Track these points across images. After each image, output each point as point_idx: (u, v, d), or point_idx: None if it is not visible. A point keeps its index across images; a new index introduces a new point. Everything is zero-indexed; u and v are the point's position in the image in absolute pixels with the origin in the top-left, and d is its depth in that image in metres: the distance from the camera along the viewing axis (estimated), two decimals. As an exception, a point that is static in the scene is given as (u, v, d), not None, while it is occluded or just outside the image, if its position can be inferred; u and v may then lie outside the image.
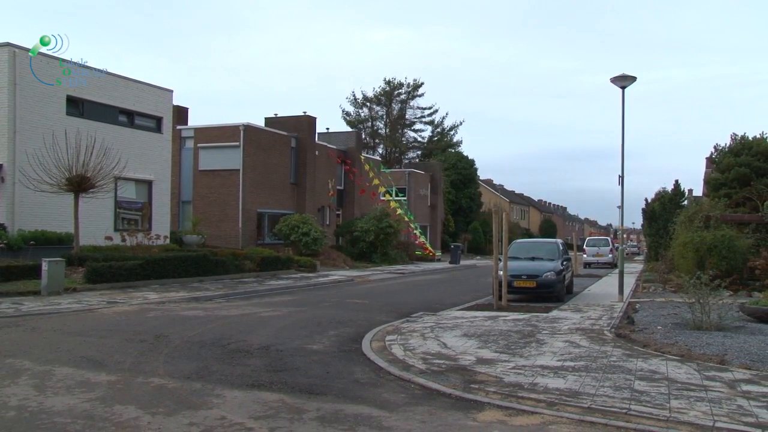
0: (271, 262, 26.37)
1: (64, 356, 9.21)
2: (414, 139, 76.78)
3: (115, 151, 21.95)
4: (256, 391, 7.40)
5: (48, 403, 6.76)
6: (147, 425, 6.07)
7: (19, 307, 14.39)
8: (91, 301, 15.67)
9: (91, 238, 22.10)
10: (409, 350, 9.86)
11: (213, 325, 12.56)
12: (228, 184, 33.55)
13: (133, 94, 26.65)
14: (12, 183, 21.67)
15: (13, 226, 21.50)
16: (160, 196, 27.93)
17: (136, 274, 19.45)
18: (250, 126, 34.03)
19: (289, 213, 34.76)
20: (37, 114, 22.50)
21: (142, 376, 8.09)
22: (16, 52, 22.08)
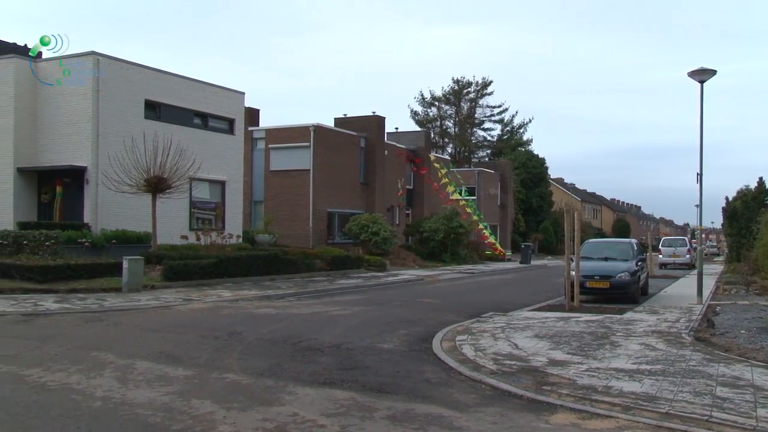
0: (341, 261, 26.61)
1: (144, 351, 9.53)
2: (483, 138, 76.26)
3: (190, 152, 22.54)
4: (328, 389, 7.49)
5: (130, 395, 7.01)
6: (222, 420, 6.22)
7: (102, 302, 14.97)
8: (168, 298, 16.16)
9: (167, 237, 22.79)
10: (480, 350, 9.79)
11: (284, 323, 12.76)
12: (298, 184, 34.02)
13: (206, 97, 27.36)
14: (95, 184, 22.57)
15: (96, 225, 22.40)
16: (232, 196, 28.57)
17: (210, 273, 19.94)
18: (320, 126, 34.42)
19: (358, 212, 35.00)
20: (117, 118, 23.36)
21: (217, 371, 8.29)
22: (99, 60, 22.99)
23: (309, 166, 33.79)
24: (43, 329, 11.51)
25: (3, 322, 12.14)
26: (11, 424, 6.03)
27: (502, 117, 74.68)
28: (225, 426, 6.03)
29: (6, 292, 15.87)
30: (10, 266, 17.54)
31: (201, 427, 5.98)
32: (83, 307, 14.19)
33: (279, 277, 22.21)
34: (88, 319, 12.79)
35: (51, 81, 23.84)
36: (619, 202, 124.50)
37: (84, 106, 22.95)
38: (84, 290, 16.69)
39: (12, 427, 5.93)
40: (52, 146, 23.75)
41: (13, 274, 17.30)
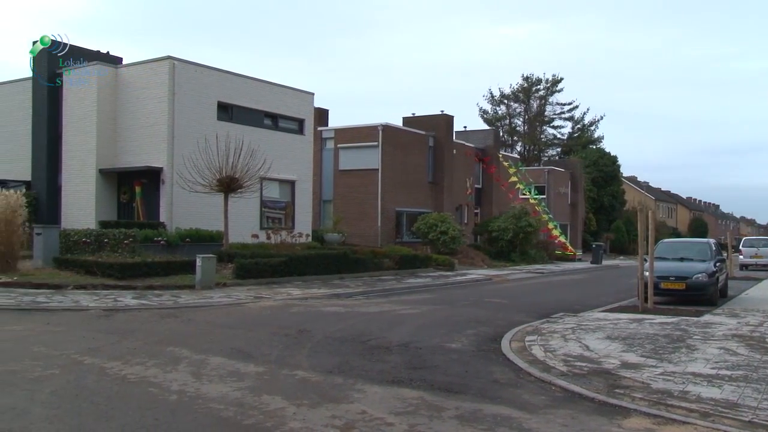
0: (409, 260, 26.65)
1: (217, 347, 9.77)
2: (553, 136, 75.06)
3: (261, 152, 22.96)
4: (396, 388, 7.52)
5: (204, 390, 7.21)
6: (292, 416, 6.32)
7: (177, 299, 15.43)
8: (239, 296, 16.52)
9: (238, 236, 23.30)
10: (550, 351, 9.66)
11: (353, 322, 12.87)
12: (367, 184, 34.22)
13: (277, 98, 27.84)
14: (170, 185, 23.30)
15: (171, 224, 23.12)
16: (302, 195, 28.97)
17: (280, 271, 20.28)
18: (389, 126, 34.55)
19: (426, 212, 34.97)
20: (191, 120, 24.05)
21: (287, 368, 8.43)
22: (175, 64, 23.73)
23: (377, 166, 33.96)
24: (123, 324, 11.95)
25: (87, 317, 12.67)
26: (95, 414, 6.29)
27: (572, 114, 73.41)
28: (295, 422, 6.13)
29: (89, 288, 16.55)
30: (92, 263, 18.28)
31: (271, 423, 6.10)
32: (159, 304, 14.65)
33: (347, 276, 22.41)
34: (164, 315, 13.20)
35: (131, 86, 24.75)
36: (695, 201, 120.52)
37: (160, 109, 23.72)
38: (160, 287, 17.23)
39: (96, 417, 6.19)
40: (130, 148, 24.65)
41: (95, 270, 18.02)
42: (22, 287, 16.58)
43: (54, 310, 13.40)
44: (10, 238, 18.69)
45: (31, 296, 15.17)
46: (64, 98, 25.90)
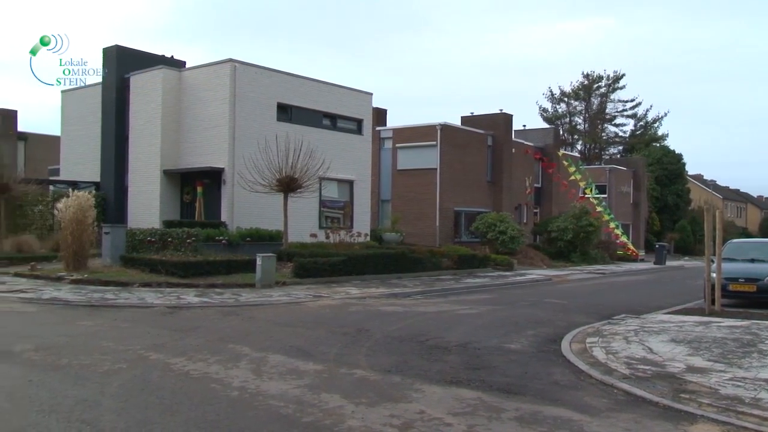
0: (467, 260, 26.51)
1: (276, 345, 9.91)
2: (615, 134, 73.43)
3: (320, 152, 23.18)
4: (455, 388, 7.49)
5: (264, 387, 7.32)
6: (351, 414, 6.36)
7: (237, 297, 15.70)
8: (298, 295, 16.71)
9: (298, 235, 23.57)
10: (611, 353, 9.46)
11: (411, 321, 12.87)
12: (425, 183, 34.16)
13: (335, 99, 28.06)
14: (231, 185, 23.74)
15: (232, 223, 23.56)
16: (360, 195, 29.12)
17: (339, 270, 20.43)
18: (447, 125, 34.42)
19: (485, 211, 34.73)
20: (252, 121, 24.46)
21: (346, 367, 8.49)
22: (236, 67, 24.19)
23: (436, 165, 33.87)
24: (186, 321, 12.23)
25: (152, 314, 13.03)
26: (160, 408, 6.46)
27: (635, 112, 71.61)
28: (353, 420, 6.16)
29: (153, 286, 17.01)
30: (157, 262, 18.78)
31: (330, 421, 6.15)
32: (220, 302, 14.94)
33: (406, 276, 22.42)
34: (225, 313, 13.46)
35: (194, 88, 25.35)
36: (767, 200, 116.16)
37: (222, 111, 24.19)
38: (221, 285, 17.57)
39: (161, 410, 6.36)
40: (193, 149, 25.23)
41: (160, 269, 18.51)
42: (92, 284, 17.19)
43: (121, 307, 13.83)
44: (80, 237, 19.36)
45: (100, 293, 15.71)
46: (130, 102, 26.73)
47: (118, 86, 26.97)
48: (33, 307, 13.79)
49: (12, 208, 24.31)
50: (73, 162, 30.17)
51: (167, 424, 5.97)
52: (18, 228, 24.23)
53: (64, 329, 11.20)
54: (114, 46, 27.46)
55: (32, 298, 14.81)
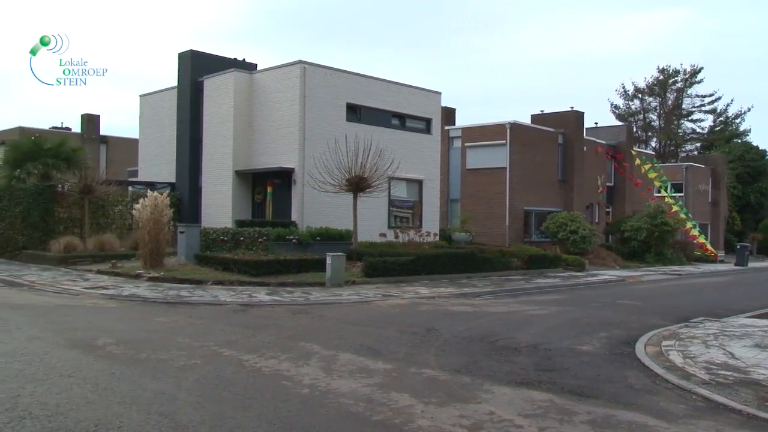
0: (537, 260, 26.14)
1: (346, 343, 10.00)
2: (692, 130, 71.07)
3: (389, 152, 23.25)
4: (525, 389, 7.40)
5: (334, 385, 7.40)
6: (420, 413, 6.37)
7: (308, 296, 15.92)
8: (367, 294, 16.81)
9: (367, 235, 23.71)
10: (689, 358, 9.16)
11: (480, 321, 12.79)
12: (495, 182, 33.87)
13: (404, 99, 28.10)
14: (301, 185, 24.08)
15: (302, 223, 23.89)
16: (429, 194, 29.08)
17: (408, 270, 20.44)
18: (516, 124, 34.04)
19: (556, 210, 34.18)
20: (321, 122, 24.74)
21: (415, 366, 8.49)
22: (306, 68, 24.53)
23: (505, 164, 33.54)
24: (258, 319, 12.48)
25: (225, 311, 13.35)
26: (234, 403, 6.62)
27: (714, 107, 69.10)
28: (423, 420, 6.16)
29: (226, 284, 17.42)
30: (230, 260, 19.23)
31: (400, 420, 6.16)
32: (291, 300, 15.18)
33: (475, 275, 22.27)
34: (296, 311, 13.67)
35: (265, 90, 25.85)
36: None
37: (292, 112, 24.56)
38: (291, 284, 17.83)
39: (234, 405, 6.51)
40: (264, 150, 25.71)
41: (232, 267, 18.94)
42: (168, 282, 17.74)
43: (195, 304, 14.22)
44: (157, 236, 20.00)
45: (175, 290, 16.20)
46: (204, 104, 27.45)
47: (192, 89, 27.75)
48: (114, 303, 14.34)
49: (94, 208, 25.32)
50: (150, 164, 31.22)
51: (240, 419, 6.11)
52: (100, 227, 25.23)
53: (143, 325, 11.60)
54: (188, 51, 28.26)
55: (113, 294, 15.40)
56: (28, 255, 23.51)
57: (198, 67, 27.75)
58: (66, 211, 25.03)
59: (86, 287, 16.61)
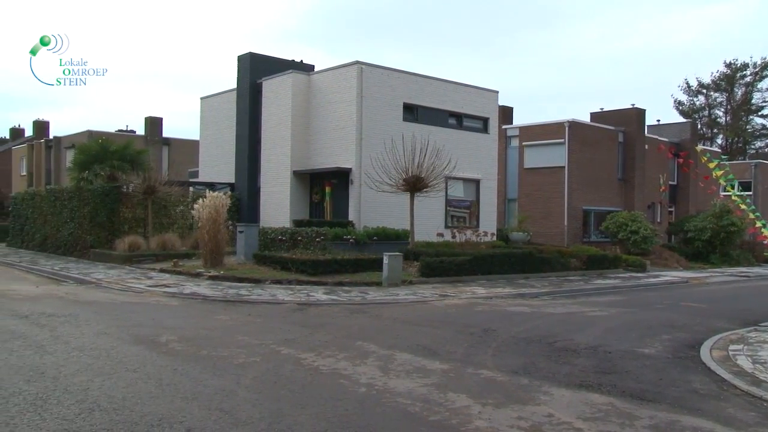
0: (597, 260, 25.66)
1: (403, 343, 10.00)
2: (761, 126, 68.54)
3: (446, 152, 23.18)
4: (584, 392, 7.28)
5: (391, 384, 7.42)
6: (477, 414, 6.33)
7: (364, 295, 15.99)
8: (424, 293, 16.79)
9: (423, 235, 23.69)
10: (759, 363, 8.85)
11: (538, 322, 12.63)
12: (553, 182, 33.44)
13: (460, 98, 27.97)
14: (358, 185, 24.22)
15: (359, 222, 24.03)
16: (486, 194, 28.87)
17: (465, 269, 20.34)
18: (575, 122, 33.51)
19: (616, 210, 33.51)
20: (377, 122, 24.83)
21: (472, 367, 8.44)
22: (363, 69, 24.67)
23: (564, 163, 33.06)
24: (315, 318, 12.60)
25: (283, 310, 13.52)
26: (292, 400, 6.70)
27: (787, 101, 66.43)
28: (480, 421, 6.13)
29: (284, 283, 17.65)
30: (287, 260, 19.47)
31: (457, 420, 6.14)
32: (348, 299, 15.27)
33: (533, 276, 22.01)
34: (353, 310, 13.75)
35: (322, 91, 26.09)
36: None
37: (349, 113, 24.72)
38: (348, 283, 17.95)
39: (292, 403, 6.59)
40: (321, 150, 25.95)
41: (290, 266, 19.17)
42: (227, 280, 18.08)
43: (254, 303, 14.45)
44: (216, 236, 20.41)
45: (234, 289, 16.50)
46: (263, 106, 27.86)
47: (251, 91, 28.21)
48: (176, 300, 14.69)
49: (157, 208, 26.01)
50: (210, 164, 31.87)
51: (298, 416, 6.18)
52: (162, 227, 25.91)
53: (203, 322, 11.85)
54: (247, 54, 28.74)
55: (175, 292, 15.79)
56: (95, 253, 24.32)
57: (257, 69, 28.20)
58: (130, 212, 25.82)
59: (149, 285, 17.08)
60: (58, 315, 12.05)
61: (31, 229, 30.20)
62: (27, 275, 20.32)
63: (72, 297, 15.04)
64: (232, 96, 29.73)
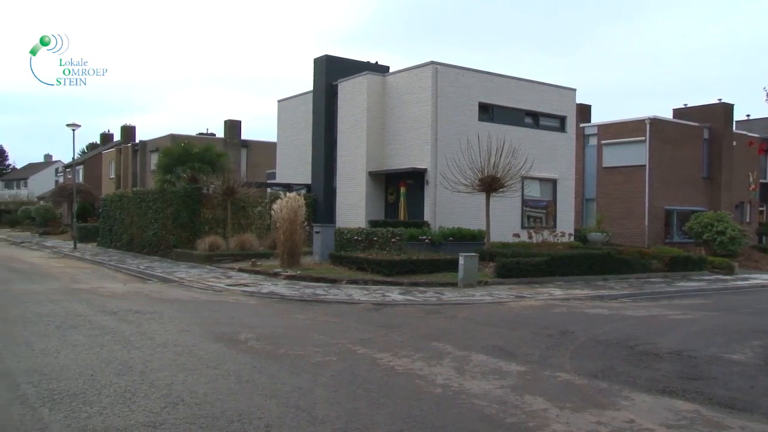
0: (680, 262, 24.78)
1: (478, 344, 9.93)
2: None
3: (522, 151, 22.91)
4: (667, 398, 7.04)
5: (467, 385, 7.38)
6: (555, 418, 6.22)
7: (440, 296, 15.94)
8: (500, 295, 16.61)
9: (499, 235, 23.46)
10: None
11: (618, 325, 12.30)
12: (633, 181, 32.58)
13: (537, 96, 27.58)
14: (434, 185, 24.20)
15: (434, 223, 24.00)
16: (564, 194, 28.37)
17: (542, 271, 20.00)
18: (657, 119, 32.51)
19: (700, 210, 32.32)
20: (453, 122, 24.75)
21: (549, 369, 8.30)
22: (437, 69, 24.65)
23: (644, 162, 32.15)
24: (390, 318, 12.65)
25: (359, 310, 13.64)
26: (368, 400, 6.75)
27: None
28: (558, 425, 6.02)
29: (360, 283, 17.79)
30: (363, 260, 19.62)
31: (534, 423, 6.05)
32: (423, 300, 15.26)
33: (612, 277, 21.46)
34: (428, 311, 13.73)
35: (397, 92, 26.19)
36: None
37: (424, 113, 24.72)
38: (424, 284, 17.92)
39: (368, 403, 6.64)
40: (397, 151, 26.05)
41: (365, 267, 19.31)
42: (304, 280, 18.36)
43: (330, 303, 14.63)
44: (292, 236, 20.76)
45: (311, 288, 16.74)
46: (338, 107, 28.19)
47: (327, 93, 28.58)
48: (254, 299, 15.03)
49: (236, 209, 26.68)
50: (287, 166, 32.47)
51: (374, 416, 6.22)
52: (241, 227, 26.55)
53: (281, 321, 12.08)
54: (324, 56, 29.12)
55: (253, 291, 16.15)
56: (177, 253, 25.14)
57: (332, 71, 28.55)
58: (210, 212, 26.57)
59: (229, 284, 17.53)
60: (144, 312, 12.53)
61: (119, 229, 31.49)
62: (115, 274, 21.20)
63: (156, 295, 15.61)
64: (308, 98, 30.20)
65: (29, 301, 13.96)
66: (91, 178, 59.44)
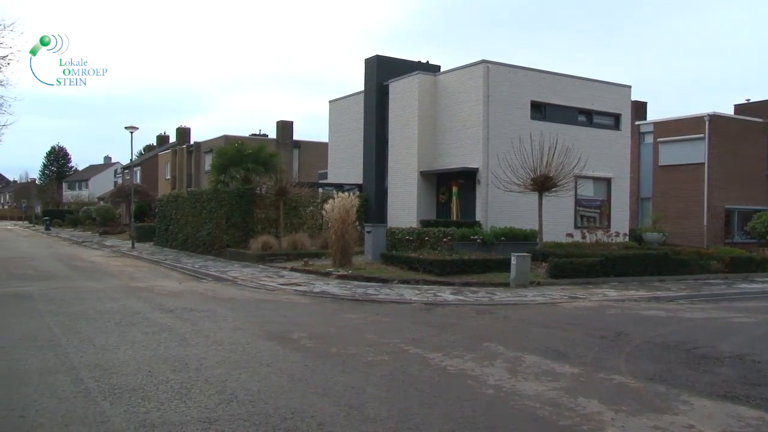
0: (742, 262, 24.03)
1: (531, 345, 9.81)
2: None
3: (575, 150, 22.55)
4: (729, 404, 6.82)
5: (519, 387, 7.30)
6: (610, 421, 6.10)
7: (491, 296, 15.82)
8: (553, 295, 16.38)
9: (552, 235, 23.15)
10: None
11: (675, 327, 12.01)
12: (691, 179, 31.79)
13: (590, 94, 27.13)
14: (485, 185, 24.04)
15: (486, 223, 23.84)
16: (618, 193, 27.85)
17: (596, 271, 19.66)
18: (716, 115, 31.64)
19: (764, 209, 31.30)
20: (504, 121, 24.54)
21: (604, 371, 8.16)
22: (489, 67, 24.49)
23: (703, 160, 31.35)
24: (442, 318, 12.61)
25: (411, 309, 13.64)
26: (419, 399, 6.74)
27: None
28: (613, 428, 5.90)
29: (411, 283, 17.78)
30: (414, 260, 19.61)
31: (588, 426, 5.95)
32: (475, 300, 15.16)
33: (668, 278, 20.95)
34: (480, 311, 13.64)
35: (448, 91, 26.10)
36: None
37: (476, 112, 24.58)
38: (475, 284, 17.81)
39: (420, 402, 6.63)
40: (448, 151, 25.96)
41: (417, 266, 19.30)
42: (356, 279, 18.44)
43: (382, 302, 14.65)
44: (344, 235, 20.88)
45: (362, 288, 16.81)
46: (389, 107, 28.23)
47: (378, 93, 28.68)
48: (306, 299, 15.17)
49: (288, 209, 26.98)
50: (338, 166, 32.68)
51: (426, 415, 6.21)
52: (293, 227, 26.83)
53: (332, 320, 12.17)
54: (375, 57, 29.22)
55: (305, 291, 16.30)
56: (231, 252, 25.55)
57: (383, 71, 28.62)
58: (263, 212, 26.94)
59: (281, 283, 17.73)
60: (199, 310, 12.78)
61: (174, 229, 32.19)
62: (171, 272, 21.67)
63: (210, 293, 15.90)
64: (360, 98, 30.35)
65: (90, 299, 14.40)
66: (148, 179, 60.96)
